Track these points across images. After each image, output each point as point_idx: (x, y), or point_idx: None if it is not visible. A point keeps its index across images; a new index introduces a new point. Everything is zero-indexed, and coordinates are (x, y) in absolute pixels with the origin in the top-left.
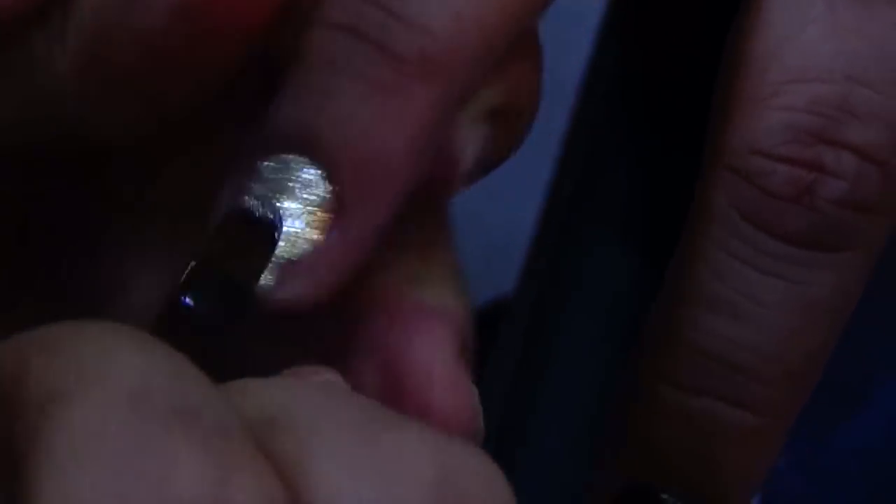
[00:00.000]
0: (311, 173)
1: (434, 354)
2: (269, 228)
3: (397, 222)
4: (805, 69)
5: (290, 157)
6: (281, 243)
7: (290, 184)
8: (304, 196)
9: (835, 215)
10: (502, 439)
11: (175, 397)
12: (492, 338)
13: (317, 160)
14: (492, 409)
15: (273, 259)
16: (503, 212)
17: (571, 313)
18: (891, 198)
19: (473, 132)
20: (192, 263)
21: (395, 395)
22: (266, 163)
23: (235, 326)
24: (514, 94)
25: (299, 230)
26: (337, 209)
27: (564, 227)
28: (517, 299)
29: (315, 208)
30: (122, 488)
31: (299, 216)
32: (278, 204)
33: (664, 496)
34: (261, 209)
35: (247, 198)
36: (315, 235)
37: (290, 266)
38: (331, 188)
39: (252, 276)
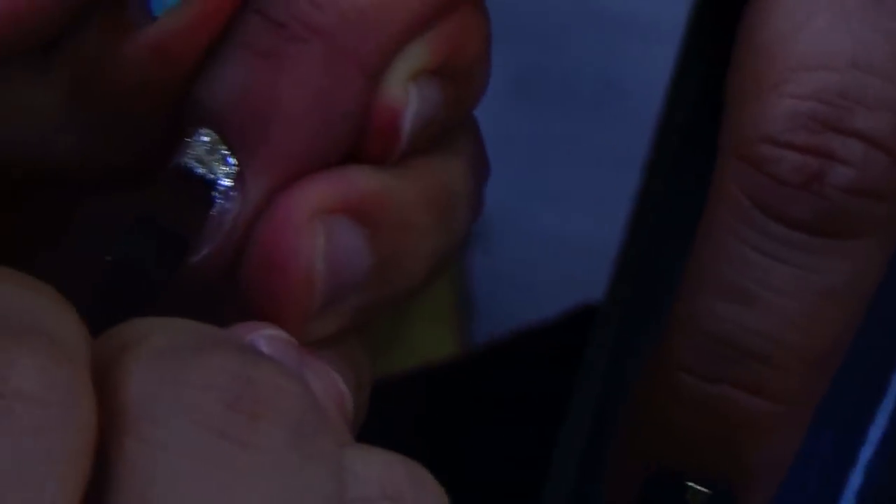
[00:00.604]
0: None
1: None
2: (207, 186)
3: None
4: (812, 57)
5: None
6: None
7: (213, 156)
8: (219, 165)
9: (843, 202)
10: (595, 443)
11: None
12: (582, 342)
13: (215, 129)
14: (584, 412)
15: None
16: (588, 223)
17: (661, 318)
18: None
19: (411, 92)
20: (135, 215)
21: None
22: (197, 137)
23: (171, 284)
24: (454, 51)
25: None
26: (235, 174)
27: (654, 232)
28: (607, 303)
29: (228, 177)
30: None
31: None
32: (217, 165)
33: (689, 483)
34: (200, 168)
35: (187, 158)
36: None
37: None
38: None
39: (189, 229)
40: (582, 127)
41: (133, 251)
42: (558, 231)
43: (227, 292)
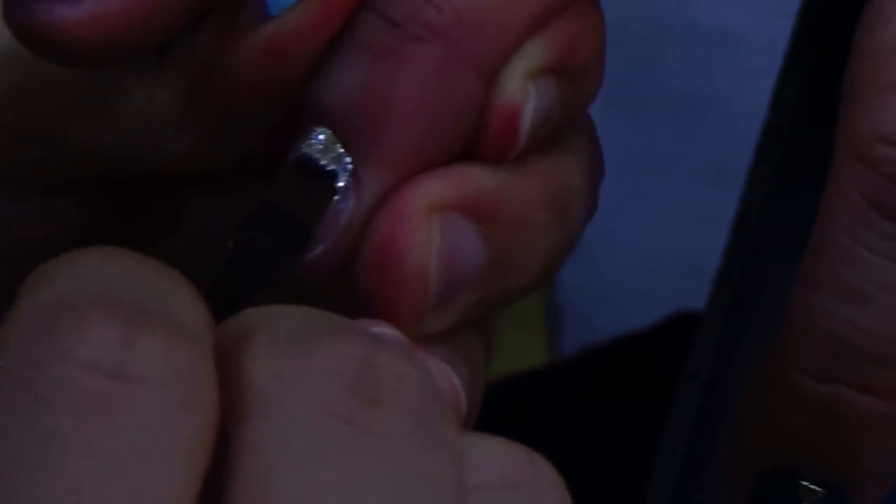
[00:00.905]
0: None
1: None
2: (324, 184)
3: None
4: None
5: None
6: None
7: (329, 154)
8: (334, 163)
9: None
10: (696, 447)
11: (115, 293)
12: (678, 348)
13: (331, 127)
14: (685, 416)
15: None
16: (678, 236)
17: (762, 324)
18: None
19: (529, 90)
20: (260, 204)
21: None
22: (313, 136)
23: (290, 276)
24: (571, 49)
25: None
26: (351, 172)
27: (757, 238)
28: (709, 308)
29: (343, 175)
30: (38, 352)
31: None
32: (332, 163)
33: (802, 482)
34: (323, 158)
35: (304, 155)
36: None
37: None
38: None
39: (312, 219)
40: (675, 139)
41: (256, 238)
42: (648, 243)
43: (337, 292)
